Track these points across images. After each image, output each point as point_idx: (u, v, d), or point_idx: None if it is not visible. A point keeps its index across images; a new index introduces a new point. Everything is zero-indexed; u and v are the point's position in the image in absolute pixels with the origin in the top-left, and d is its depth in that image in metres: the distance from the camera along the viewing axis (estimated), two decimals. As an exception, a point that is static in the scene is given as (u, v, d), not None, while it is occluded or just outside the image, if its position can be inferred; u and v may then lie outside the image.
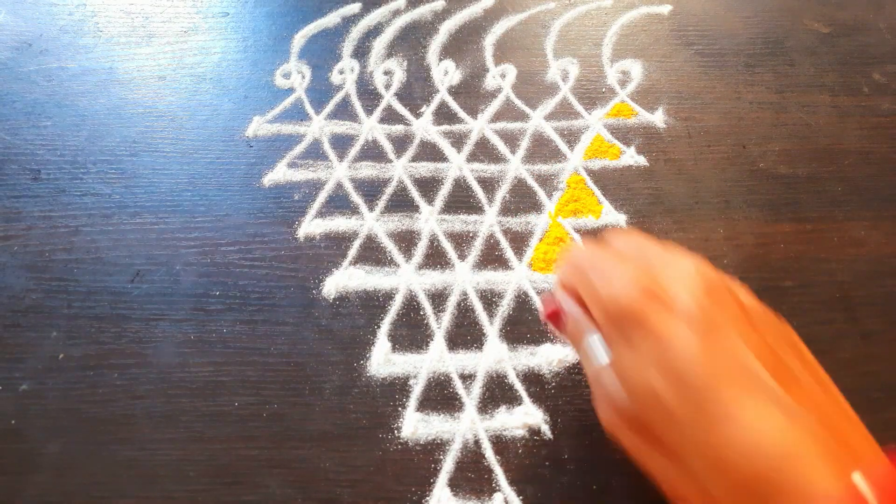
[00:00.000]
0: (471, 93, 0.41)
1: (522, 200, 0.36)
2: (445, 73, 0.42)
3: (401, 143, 0.38)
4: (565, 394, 0.29)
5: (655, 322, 0.18)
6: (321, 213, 0.35)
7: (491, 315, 0.31)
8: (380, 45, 0.44)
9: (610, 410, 0.19)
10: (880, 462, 0.16)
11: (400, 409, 0.28)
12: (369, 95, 0.41)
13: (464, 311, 0.32)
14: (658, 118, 0.40)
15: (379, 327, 0.31)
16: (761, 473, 0.16)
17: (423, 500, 0.26)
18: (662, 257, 0.21)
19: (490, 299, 0.32)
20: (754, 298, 0.21)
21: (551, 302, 0.24)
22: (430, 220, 0.35)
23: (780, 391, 0.16)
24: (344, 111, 0.40)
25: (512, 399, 0.29)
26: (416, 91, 0.41)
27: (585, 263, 0.21)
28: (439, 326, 0.31)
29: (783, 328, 0.20)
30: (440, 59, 0.43)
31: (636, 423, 0.18)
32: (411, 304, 0.32)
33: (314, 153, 0.38)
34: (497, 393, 0.29)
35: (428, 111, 0.40)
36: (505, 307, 0.32)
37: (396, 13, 0.46)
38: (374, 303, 0.32)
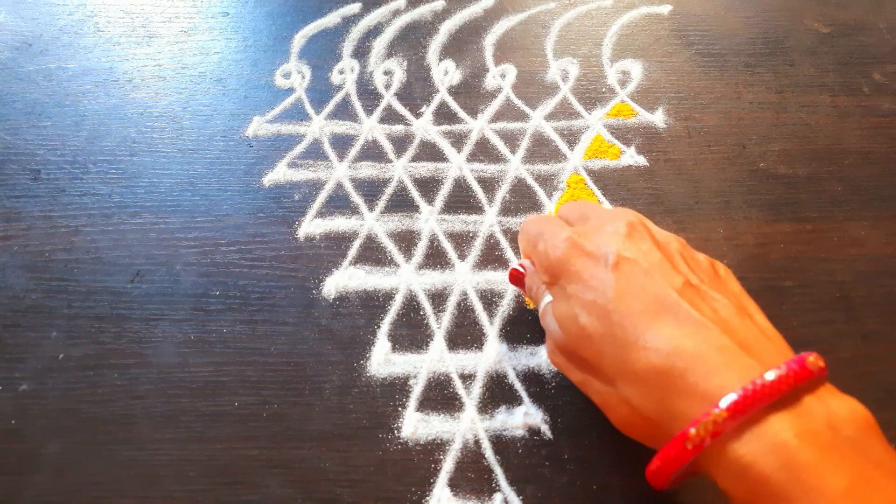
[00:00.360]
0: (471, 93, 0.41)
1: (522, 200, 0.36)
2: (445, 73, 0.42)
3: (401, 143, 0.38)
4: (565, 394, 0.29)
5: (579, 268, 0.21)
6: (321, 213, 0.35)
7: (491, 315, 0.31)
8: (380, 45, 0.44)
9: (552, 346, 0.23)
10: (784, 362, 0.18)
11: (400, 409, 0.28)
12: (369, 95, 0.41)
13: (464, 311, 0.32)
14: (658, 118, 0.40)
15: (379, 327, 0.31)
16: (664, 379, 0.18)
17: (423, 500, 0.26)
18: (598, 216, 0.24)
19: (490, 299, 0.32)
20: (678, 238, 0.23)
21: (516, 267, 0.28)
22: (430, 220, 0.35)
23: (689, 310, 0.19)
24: (344, 111, 0.40)
25: (512, 399, 0.29)
26: (416, 91, 0.41)
27: (533, 230, 0.25)
28: (439, 326, 0.31)
29: (703, 260, 0.23)
30: (440, 59, 0.43)
31: (571, 353, 0.21)
32: (411, 304, 0.32)
33: (314, 153, 0.38)
34: (497, 393, 0.29)
35: (428, 111, 0.40)
36: (505, 307, 0.32)
37: (396, 13, 0.46)
38: (374, 303, 0.32)
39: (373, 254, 0.34)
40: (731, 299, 0.21)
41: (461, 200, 0.36)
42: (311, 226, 0.35)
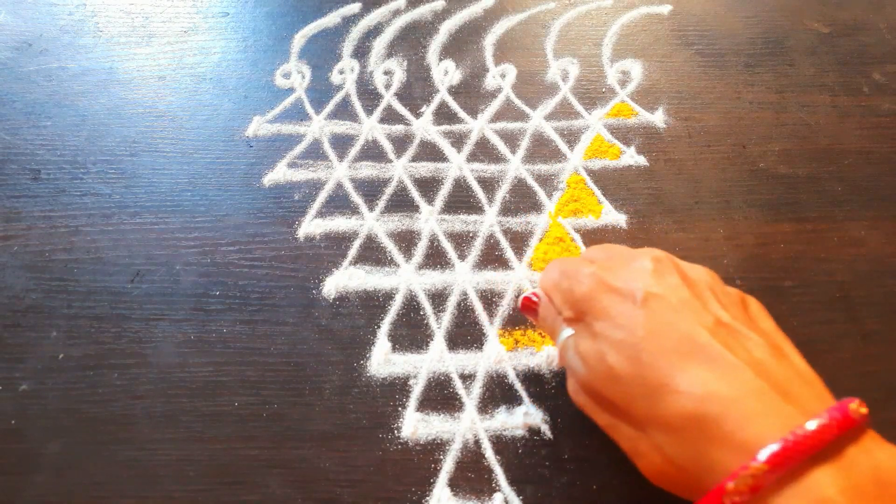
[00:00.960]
0: (471, 93, 0.41)
1: (522, 200, 0.36)
2: (445, 73, 0.42)
3: (401, 143, 0.38)
4: (565, 394, 0.29)
5: (606, 305, 0.20)
6: (321, 213, 0.35)
7: (491, 315, 0.31)
8: (380, 44, 0.44)
9: (576, 386, 0.22)
10: (825, 410, 0.17)
11: (400, 409, 0.28)
12: (369, 95, 0.41)
13: (464, 311, 0.32)
14: (658, 118, 0.40)
15: (379, 327, 0.31)
16: (698, 427, 0.17)
17: (423, 500, 0.26)
18: (623, 256, 0.23)
19: (490, 299, 0.32)
20: (707, 271, 0.23)
21: (528, 295, 0.27)
22: (430, 220, 0.35)
23: (722, 351, 0.18)
24: (344, 111, 0.40)
25: (512, 399, 0.29)
26: (416, 91, 0.41)
27: (556, 267, 0.24)
28: (439, 326, 0.31)
29: (734, 295, 0.22)
30: (440, 59, 0.43)
31: (594, 392, 0.20)
32: (411, 304, 0.32)
33: (314, 153, 0.38)
34: (497, 393, 0.29)
35: (428, 111, 0.40)
36: (505, 307, 0.32)
37: (396, 13, 0.46)
38: (374, 303, 0.32)
39: (373, 254, 0.34)
40: (765, 338, 0.20)
41: (461, 200, 0.36)
42: (311, 226, 0.35)
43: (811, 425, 0.16)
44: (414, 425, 0.28)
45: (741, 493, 0.16)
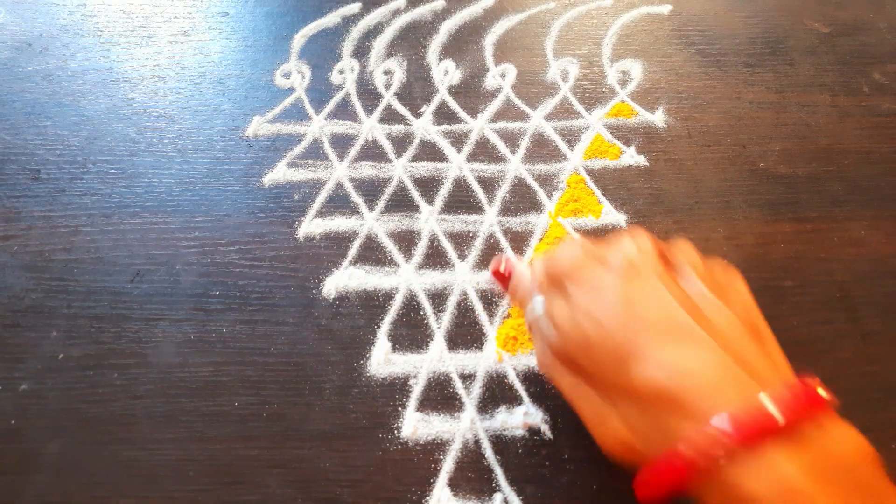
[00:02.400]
0: (471, 92, 0.41)
1: (522, 200, 0.36)
2: (445, 73, 0.42)
3: (401, 143, 0.38)
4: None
5: (589, 276, 0.21)
6: (321, 213, 0.35)
7: (491, 315, 0.31)
8: (380, 44, 0.44)
9: (545, 350, 0.22)
10: (786, 388, 0.18)
11: (400, 408, 0.28)
12: (369, 95, 0.41)
13: (464, 311, 0.32)
14: (658, 118, 0.40)
15: (379, 327, 0.31)
16: (663, 398, 0.18)
17: (423, 500, 0.26)
18: (612, 238, 0.23)
19: (490, 299, 0.32)
20: (688, 246, 0.23)
21: (499, 262, 0.27)
22: (430, 220, 0.35)
23: (695, 327, 0.18)
24: (344, 111, 0.40)
25: (512, 399, 0.29)
26: (416, 91, 0.41)
27: (551, 248, 0.25)
28: (439, 326, 0.31)
29: (715, 269, 0.23)
30: (440, 59, 0.43)
31: (565, 357, 0.21)
32: (411, 304, 0.32)
33: (314, 153, 0.38)
34: (497, 393, 0.29)
35: (428, 111, 0.40)
36: (505, 307, 0.32)
37: (396, 13, 0.46)
38: (374, 303, 0.32)
39: (373, 254, 0.34)
40: (742, 314, 0.20)
41: (461, 200, 0.36)
42: (311, 226, 0.35)
43: (770, 400, 0.17)
44: (414, 425, 0.28)
45: (693, 456, 0.17)
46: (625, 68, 0.43)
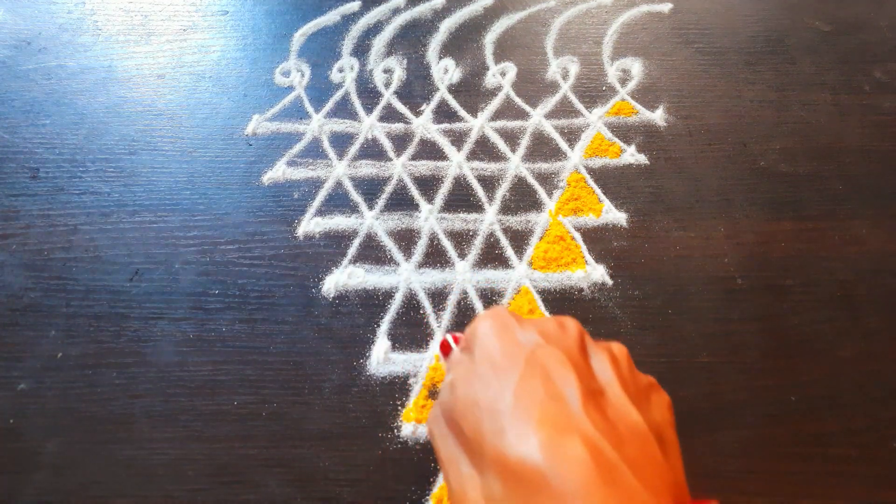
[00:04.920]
0: (471, 91, 0.41)
1: (522, 199, 0.36)
2: (445, 72, 0.42)
3: (400, 142, 0.38)
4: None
5: (499, 343, 0.21)
6: (321, 212, 0.35)
7: (491, 314, 0.31)
8: (379, 43, 0.44)
9: (437, 410, 0.22)
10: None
11: (400, 407, 0.28)
12: (369, 94, 0.41)
13: (464, 309, 0.31)
14: (659, 116, 0.39)
15: (379, 326, 0.31)
16: (534, 478, 0.17)
17: (423, 500, 0.26)
18: (546, 318, 0.23)
19: (490, 298, 0.32)
20: (623, 351, 0.22)
21: (445, 339, 0.26)
22: (429, 219, 0.35)
23: (584, 420, 0.18)
24: (343, 109, 0.40)
25: (512, 398, 0.29)
26: (415, 89, 0.41)
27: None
28: (439, 325, 0.31)
29: (642, 379, 0.21)
30: (440, 58, 0.43)
31: (451, 419, 0.20)
32: (411, 303, 0.32)
33: (314, 151, 0.38)
34: (497, 392, 0.29)
35: (428, 109, 0.40)
36: (505, 306, 0.32)
37: (396, 11, 0.46)
38: (373, 301, 0.32)
39: (372, 252, 0.33)
40: (651, 423, 0.19)
41: (461, 199, 0.36)
42: (311, 224, 0.34)
43: None
44: (414, 424, 0.28)
45: None
46: (625, 67, 0.42)
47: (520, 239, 0.34)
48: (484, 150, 0.38)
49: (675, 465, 0.19)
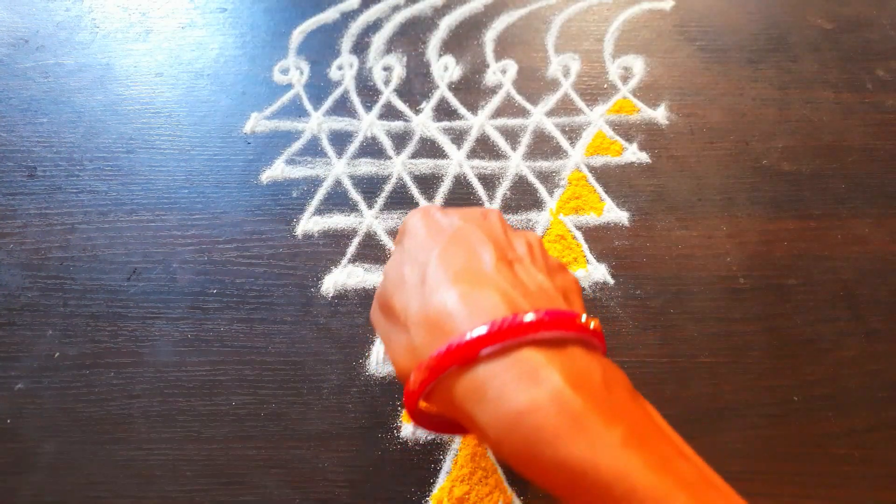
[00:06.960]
0: (471, 89, 0.41)
1: (523, 197, 0.36)
2: (445, 69, 0.42)
3: (400, 140, 0.38)
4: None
5: (421, 229, 0.22)
6: (320, 211, 0.35)
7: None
8: (379, 40, 0.44)
9: (375, 302, 0.23)
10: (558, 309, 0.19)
11: (399, 408, 0.28)
12: (368, 91, 0.41)
13: (464, 309, 0.31)
14: (660, 114, 0.39)
15: (378, 326, 0.31)
16: (446, 318, 0.18)
17: (423, 501, 0.26)
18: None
19: (490, 297, 0.32)
20: (534, 236, 0.24)
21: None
22: (429, 218, 0.35)
23: (495, 276, 0.19)
24: (343, 107, 0.40)
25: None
26: (415, 87, 0.41)
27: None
28: (439, 325, 0.31)
29: (552, 259, 0.24)
30: (440, 55, 0.43)
31: (385, 303, 0.22)
32: (411, 303, 0.31)
33: (313, 150, 0.37)
34: (497, 392, 0.29)
35: (428, 107, 0.40)
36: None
37: (396, 8, 0.46)
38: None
39: (372, 252, 0.33)
40: (558, 284, 0.21)
41: (461, 197, 0.35)
42: (310, 223, 0.34)
43: (526, 316, 0.17)
44: (414, 425, 0.28)
45: (444, 358, 0.17)
46: (627, 64, 0.42)
47: (520, 238, 0.34)
48: (484, 148, 0.38)
49: (576, 308, 0.21)
